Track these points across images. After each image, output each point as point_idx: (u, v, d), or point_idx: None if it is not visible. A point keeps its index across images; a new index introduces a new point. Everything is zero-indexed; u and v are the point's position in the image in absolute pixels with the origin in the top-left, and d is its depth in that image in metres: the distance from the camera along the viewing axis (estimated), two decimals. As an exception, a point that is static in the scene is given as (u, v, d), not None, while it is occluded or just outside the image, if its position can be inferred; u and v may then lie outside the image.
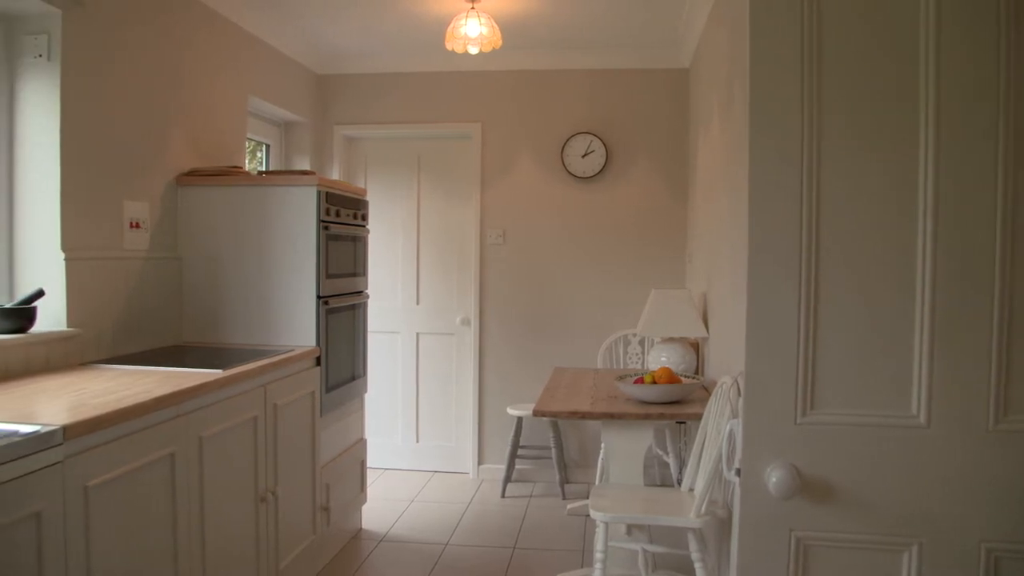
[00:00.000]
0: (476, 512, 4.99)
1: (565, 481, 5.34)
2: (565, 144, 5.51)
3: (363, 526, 4.65)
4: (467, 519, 4.85)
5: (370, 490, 4.94)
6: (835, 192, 1.65)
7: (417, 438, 5.85)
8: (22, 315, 2.96)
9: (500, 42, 4.28)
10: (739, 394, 2.82)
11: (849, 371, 1.66)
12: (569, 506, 5.06)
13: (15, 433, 2.01)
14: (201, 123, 4.16)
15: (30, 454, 1.97)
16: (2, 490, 1.88)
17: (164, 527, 2.58)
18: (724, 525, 3.21)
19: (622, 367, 5.23)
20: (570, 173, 5.53)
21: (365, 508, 4.73)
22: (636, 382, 3.65)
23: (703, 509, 3.00)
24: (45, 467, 2.02)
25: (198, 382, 2.77)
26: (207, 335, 3.93)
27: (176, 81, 3.93)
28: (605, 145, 5.47)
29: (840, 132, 1.64)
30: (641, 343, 5.26)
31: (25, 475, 1.95)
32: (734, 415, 2.74)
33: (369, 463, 4.86)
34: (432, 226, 5.82)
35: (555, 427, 5.34)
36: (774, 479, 1.66)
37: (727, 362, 3.50)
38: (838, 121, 1.64)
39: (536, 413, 3.50)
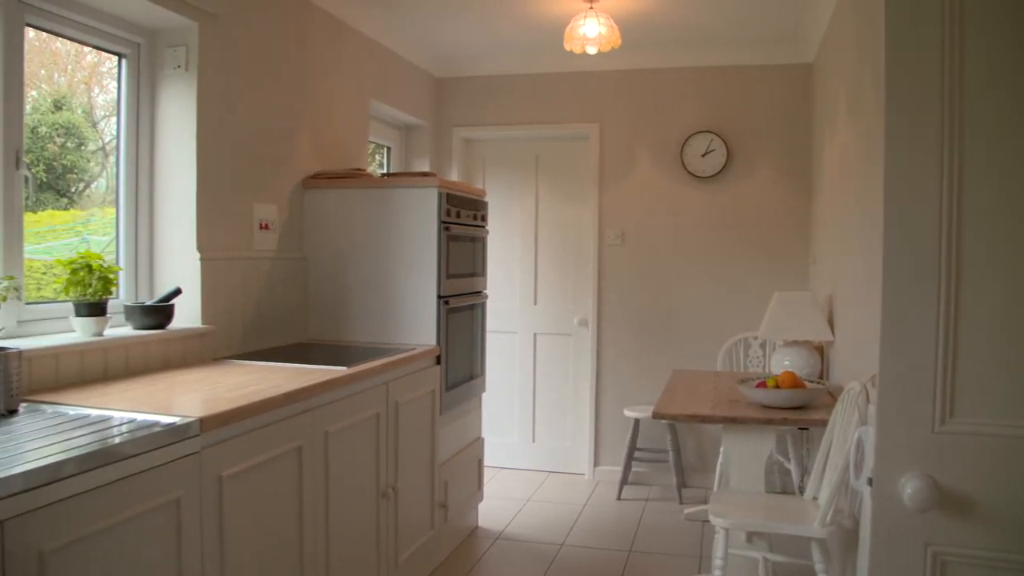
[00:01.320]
0: (592, 514, 4.96)
1: (682, 485, 5.26)
2: (684, 143, 5.43)
3: (479, 524, 4.70)
4: (583, 520, 4.83)
5: (486, 488, 4.98)
6: (978, 184, 1.56)
7: (533, 438, 5.87)
8: (161, 312, 3.12)
9: (619, 41, 4.25)
10: (869, 400, 2.73)
11: (994, 378, 1.57)
12: (686, 510, 4.98)
13: (157, 424, 2.12)
14: (325, 128, 4.29)
15: (170, 444, 2.08)
16: (146, 477, 1.99)
17: (291, 517, 2.67)
18: (850, 536, 3.09)
19: (742, 370, 5.11)
20: (689, 172, 5.44)
21: (481, 506, 4.77)
22: (758, 386, 3.56)
23: (828, 519, 2.90)
24: (184, 456, 2.12)
25: (324, 379, 2.86)
26: (331, 333, 4.05)
27: (302, 87, 4.06)
28: (725, 143, 5.36)
29: (983, 120, 1.55)
30: (762, 346, 5.13)
31: (166, 463, 2.06)
32: (863, 422, 2.64)
33: (485, 462, 4.90)
34: (550, 227, 5.83)
35: (673, 430, 5.26)
36: (909, 490, 1.59)
37: (855, 367, 3.37)
38: (981, 108, 1.55)
39: (656, 415, 3.45)
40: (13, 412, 2.28)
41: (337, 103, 4.41)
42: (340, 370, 3.03)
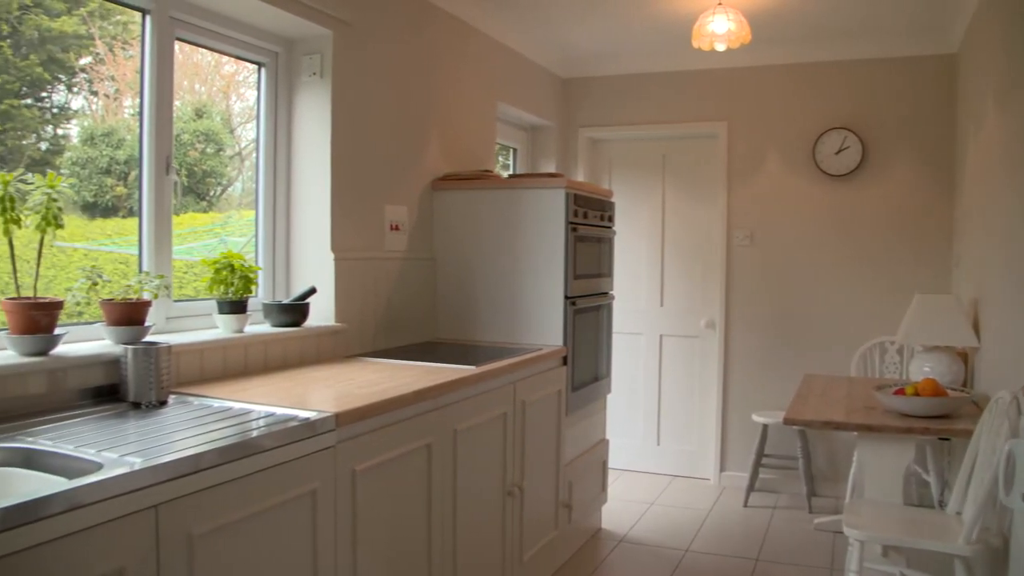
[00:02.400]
0: (717, 519, 4.86)
1: (812, 494, 5.09)
2: (817, 141, 5.25)
3: (603, 525, 4.67)
4: (708, 526, 4.74)
5: (610, 490, 4.95)
6: None
7: (658, 441, 5.80)
8: (297, 311, 3.24)
9: (749, 37, 4.15)
10: (1020, 412, 2.57)
11: None
12: (816, 520, 4.81)
13: (295, 418, 2.20)
14: (453, 130, 4.36)
15: (308, 437, 2.15)
16: (285, 469, 2.06)
17: (420, 512, 2.72)
18: (998, 556, 2.92)
19: (878, 376, 4.90)
20: (822, 171, 5.26)
21: (605, 508, 4.75)
22: (896, 393, 3.41)
23: (975, 536, 2.75)
24: (320, 450, 2.20)
25: (454, 377, 2.90)
26: (459, 332, 4.11)
27: (430, 91, 4.14)
28: (861, 140, 5.16)
29: None
30: (900, 351, 4.91)
31: (304, 456, 2.13)
32: (1014, 434, 2.49)
33: (609, 463, 4.87)
34: (676, 227, 5.75)
35: (803, 437, 5.10)
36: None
37: (1004, 375, 3.19)
38: None
39: (787, 421, 3.35)
40: (163, 403, 2.41)
41: (465, 105, 4.48)
42: (469, 369, 3.07)
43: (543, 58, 5.47)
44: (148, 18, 2.96)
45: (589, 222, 4.13)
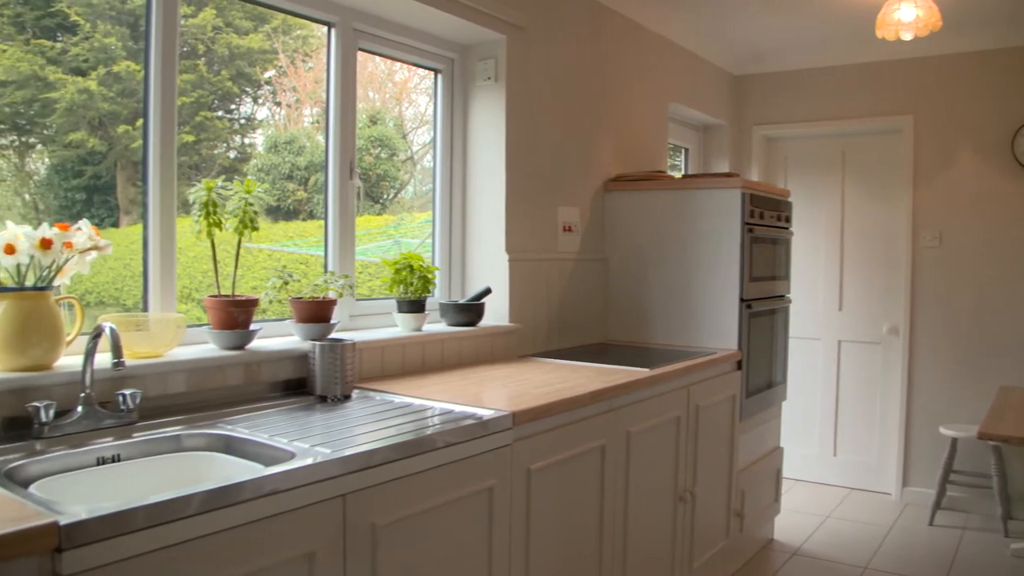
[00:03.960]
0: (899, 537, 4.60)
1: (1008, 516, 4.71)
2: (1016, 134, 4.87)
3: (774, 537, 4.51)
4: (889, 544, 4.49)
5: (783, 500, 4.78)
6: None
7: (834, 451, 5.55)
8: (472, 311, 3.30)
9: (939, 24, 3.89)
10: None
11: None
12: (1013, 546, 4.46)
13: (473, 416, 2.24)
14: (625, 131, 4.33)
15: (486, 435, 2.19)
16: (464, 465, 2.11)
17: (592, 513, 2.71)
18: None
19: (1087, 390, 4.50)
20: (1021, 165, 4.87)
21: (778, 519, 4.59)
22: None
23: None
24: (497, 448, 2.23)
25: (628, 379, 2.87)
26: (630, 334, 4.08)
27: (602, 92, 4.13)
28: (1068, 133, 4.75)
29: None
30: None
31: (481, 453, 2.17)
32: None
33: (783, 472, 4.70)
34: (857, 227, 5.48)
35: (998, 453, 4.74)
36: None
37: None
38: None
39: (981, 436, 3.13)
40: (347, 397, 2.51)
41: (636, 106, 4.44)
42: (643, 371, 3.04)
43: (715, 56, 5.35)
44: (333, 31, 3.10)
45: (765, 223, 4.00)
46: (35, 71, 2.62)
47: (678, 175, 5.05)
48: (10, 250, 2.03)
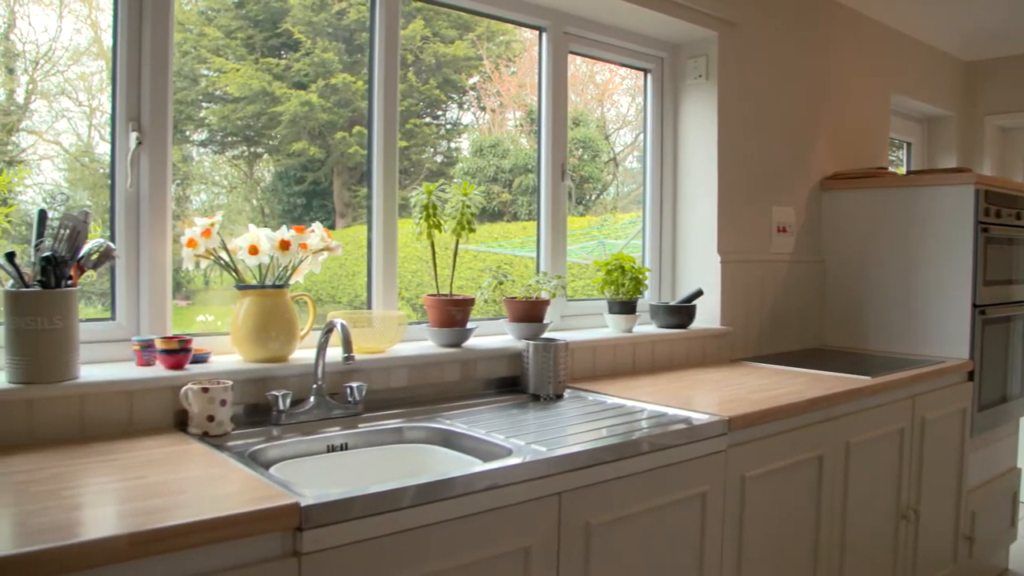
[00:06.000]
0: None
1: None
2: None
3: (1009, 566, 4.15)
4: None
5: (1020, 526, 4.39)
6: None
7: (1079, 473, 5.03)
8: (684, 312, 3.25)
9: None
10: None
11: None
12: None
13: (688, 420, 2.20)
14: (843, 126, 4.13)
15: (700, 440, 2.15)
16: (677, 469, 2.08)
17: (807, 525, 2.60)
18: None
19: None
20: None
21: (1013, 547, 4.21)
22: None
23: None
24: (712, 453, 2.19)
25: (847, 387, 2.74)
26: (847, 339, 3.88)
27: (819, 86, 3.95)
28: None
29: None
30: None
31: (696, 458, 2.14)
32: None
33: (1021, 496, 4.31)
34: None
35: None
36: None
37: None
38: None
39: None
40: (559, 396, 2.55)
41: (855, 99, 4.22)
42: (863, 379, 2.88)
43: (943, 41, 4.98)
44: (544, 35, 3.15)
45: (1002, 222, 3.69)
46: (264, 87, 2.84)
47: (900, 171, 4.76)
48: (254, 251, 2.20)
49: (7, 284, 1.84)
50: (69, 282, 1.88)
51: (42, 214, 1.88)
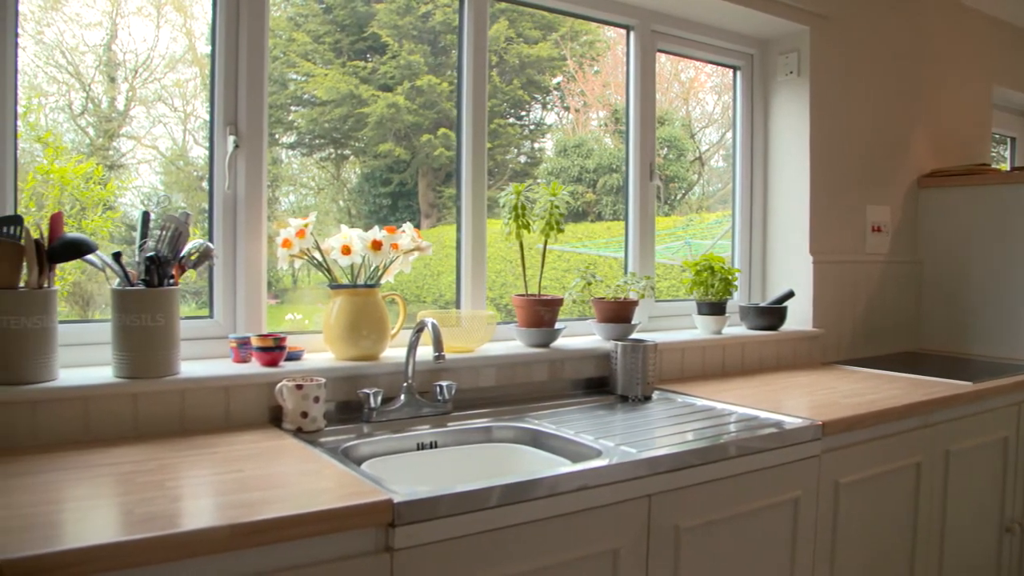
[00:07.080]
0: None
1: None
2: None
3: (1122, 580, 3.95)
4: None
5: None
6: None
7: None
8: (775, 314, 3.19)
9: None
10: None
11: None
12: None
13: (780, 423, 2.16)
14: (942, 122, 3.98)
15: (794, 444, 2.10)
16: (769, 473, 2.05)
17: (903, 535, 2.52)
18: None
19: None
20: None
21: None
22: None
23: None
24: (805, 458, 2.14)
25: (947, 393, 2.64)
26: (946, 343, 3.74)
27: (916, 80, 3.82)
28: None
29: None
30: None
31: (789, 463, 2.09)
32: None
33: None
34: None
35: None
36: None
37: None
38: None
39: None
40: (647, 398, 2.52)
41: (954, 93, 4.06)
42: (964, 385, 2.78)
43: (1050, 33, 4.77)
44: (632, 34, 3.12)
45: (1116, 221, 3.51)
46: (351, 90, 2.89)
47: (1003, 168, 4.56)
48: (346, 251, 2.24)
49: (114, 283, 1.91)
50: (171, 281, 1.94)
51: (145, 216, 1.95)
